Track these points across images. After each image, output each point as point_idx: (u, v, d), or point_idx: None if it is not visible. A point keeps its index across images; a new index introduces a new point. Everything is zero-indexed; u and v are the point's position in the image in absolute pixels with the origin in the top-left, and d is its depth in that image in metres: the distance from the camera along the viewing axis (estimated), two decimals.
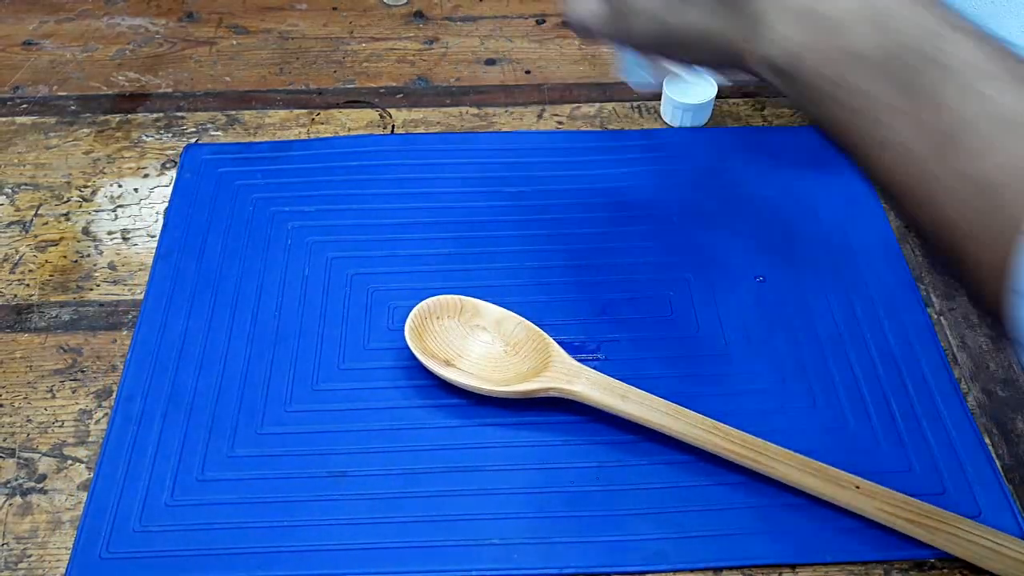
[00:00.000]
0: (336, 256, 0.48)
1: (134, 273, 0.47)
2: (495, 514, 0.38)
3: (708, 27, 0.32)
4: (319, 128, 0.55)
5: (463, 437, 0.40)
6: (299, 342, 0.44)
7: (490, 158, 0.53)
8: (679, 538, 0.37)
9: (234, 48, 0.61)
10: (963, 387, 0.43)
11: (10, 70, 0.59)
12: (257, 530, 0.37)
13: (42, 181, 0.52)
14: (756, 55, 0.31)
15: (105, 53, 0.60)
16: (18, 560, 0.37)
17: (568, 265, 0.47)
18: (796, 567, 0.37)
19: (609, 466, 0.39)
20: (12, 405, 0.42)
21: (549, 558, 0.37)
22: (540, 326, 0.43)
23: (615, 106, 0.57)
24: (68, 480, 0.39)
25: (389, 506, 0.38)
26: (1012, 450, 0.41)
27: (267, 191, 0.51)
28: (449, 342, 0.42)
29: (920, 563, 0.37)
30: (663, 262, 0.47)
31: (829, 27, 0.29)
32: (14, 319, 0.45)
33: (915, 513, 0.37)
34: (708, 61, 0.34)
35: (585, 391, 0.40)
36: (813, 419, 0.41)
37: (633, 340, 0.44)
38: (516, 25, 0.63)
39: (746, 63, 0.32)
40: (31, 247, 0.49)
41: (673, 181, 0.52)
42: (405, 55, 0.61)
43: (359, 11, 0.64)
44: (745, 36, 0.31)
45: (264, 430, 0.41)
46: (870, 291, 0.46)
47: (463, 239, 0.48)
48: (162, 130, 0.55)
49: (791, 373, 0.43)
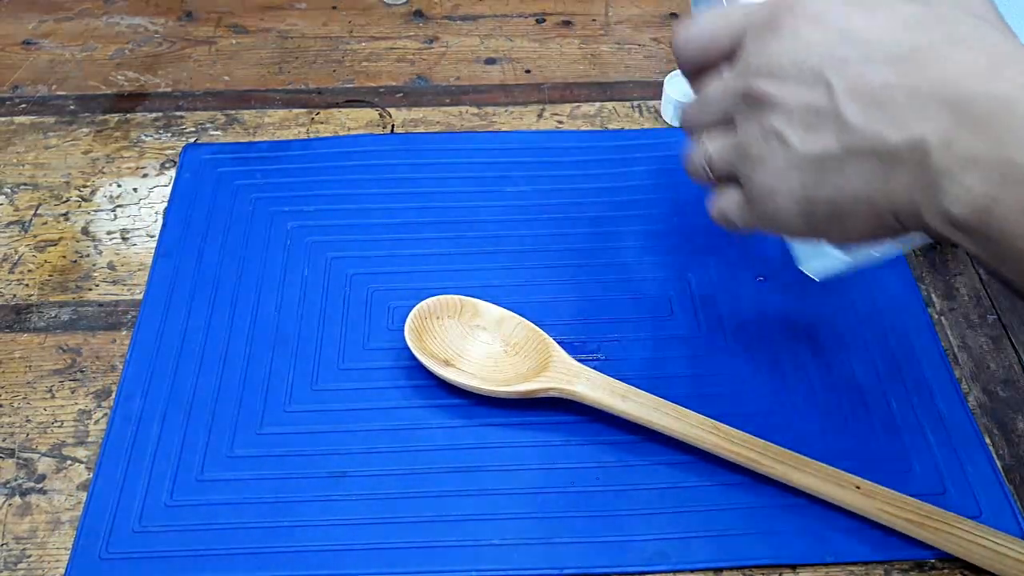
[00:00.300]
0: (336, 256, 0.48)
1: (133, 273, 0.47)
2: (495, 514, 0.38)
3: (868, 191, 0.28)
4: (319, 128, 0.55)
5: (463, 437, 0.40)
6: (299, 342, 0.44)
7: (490, 158, 0.53)
8: (679, 538, 0.37)
9: (233, 47, 0.61)
10: (964, 387, 0.43)
11: (9, 69, 0.59)
12: (257, 530, 0.37)
13: (41, 181, 0.52)
14: (934, 213, 0.27)
15: (104, 52, 0.60)
16: (17, 560, 0.37)
17: (568, 265, 0.47)
18: (796, 567, 0.37)
19: (609, 466, 0.39)
20: (11, 405, 0.42)
21: (549, 558, 0.37)
22: (540, 326, 0.43)
23: (615, 106, 0.57)
24: (67, 480, 0.39)
25: (389, 506, 0.38)
26: (1012, 450, 0.41)
27: (266, 191, 0.51)
28: (449, 342, 0.42)
29: (920, 563, 0.37)
30: (663, 262, 0.47)
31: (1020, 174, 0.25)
32: (13, 319, 0.45)
33: (915, 513, 0.37)
34: (870, 230, 0.30)
35: (585, 391, 0.40)
36: (813, 419, 0.41)
37: (633, 340, 0.44)
38: (516, 24, 0.63)
39: (920, 224, 0.28)
40: (30, 247, 0.49)
41: (673, 181, 0.52)
42: (405, 54, 0.61)
43: (359, 10, 0.64)
44: (919, 194, 0.27)
45: (264, 430, 0.41)
46: (871, 290, 0.46)
47: (463, 239, 0.48)
48: (161, 130, 0.55)
49: (791, 373, 0.43)
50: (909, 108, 0.27)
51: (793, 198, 0.30)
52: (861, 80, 0.28)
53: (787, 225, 0.31)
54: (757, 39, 0.31)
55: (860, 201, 0.29)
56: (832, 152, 0.28)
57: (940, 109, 0.26)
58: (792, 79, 0.29)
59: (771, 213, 0.31)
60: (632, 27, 0.63)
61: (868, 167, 0.28)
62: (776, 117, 0.30)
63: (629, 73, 0.59)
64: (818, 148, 0.29)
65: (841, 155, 0.28)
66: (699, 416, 0.39)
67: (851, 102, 0.28)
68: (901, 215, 0.28)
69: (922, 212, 0.27)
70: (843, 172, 0.28)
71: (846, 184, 0.29)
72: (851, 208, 0.29)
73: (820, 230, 0.31)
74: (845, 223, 0.30)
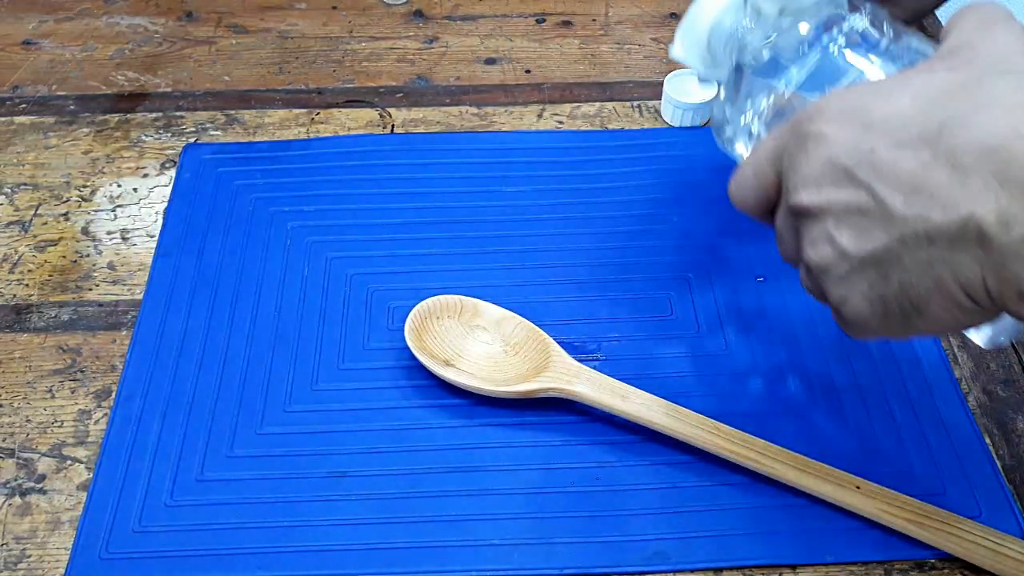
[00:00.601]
0: (336, 256, 0.48)
1: (133, 273, 0.47)
2: (495, 514, 0.38)
3: (934, 278, 0.27)
4: (319, 128, 0.55)
5: (463, 437, 0.40)
6: (299, 342, 0.44)
7: (490, 158, 0.53)
8: (679, 538, 0.37)
9: (233, 47, 0.61)
10: (963, 387, 0.43)
11: (9, 70, 0.59)
12: (257, 530, 0.37)
13: (41, 181, 0.52)
14: (1012, 295, 0.25)
15: (104, 52, 0.60)
16: (17, 560, 0.37)
17: (568, 265, 0.47)
18: (796, 567, 0.37)
19: (609, 466, 0.39)
20: (11, 405, 0.42)
21: (549, 558, 0.37)
22: (540, 326, 0.43)
23: (615, 106, 0.57)
24: (67, 480, 0.39)
25: (389, 506, 0.38)
26: (1012, 450, 0.41)
27: (266, 191, 0.51)
28: (449, 342, 0.42)
29: (920, 563, 0.37)
30: (663, 262, 0.47)
31: None
32: (13, 319, 0.45)
33: (915, 513, 0.37)
34: (955, 318, 0.28)
35: (585, 391, 0.40)
36: (813, 419, 0.41)
37: (633, 340, 0.44)
38: (516, 24, 0.63)
39: (1000, 304, 0.26)
40: (30, 247, 0.49)
41: (673, 181, 0.52)
42: (405, 54, 0.61)
43: (359, 10, 0.64)
44: (989, 276, 0.25)
45: (264, 430, 0.41)
46: None
47: (463, 239, 0.48)
48: (161, 130, 0.55)
49: (791, 373, 0.43)
50: (953, 186, 0.25)
51: (867, 301, 0.29)
52: (896, 167, 0.26)
53: (871, 329, 0.30)
54: (790, 156, 0.30)
55: (930, 290, 0.27)
56: (887, 247, 0.27)
57: (986, 181, 0.25)
58: (828, 185, 0.28)
59: (852, 320, 0.30)
60: (632, 27, 0.63)
61: (926, 255, 0.26)
62: (823, 226, 0.29)
63: (629, 73, 0.59)
64: (871, 246, 0.28)
65: (897, 248, 0.27)
66: (699, 416, 0.39)
67: (891, 192, 0.27)
68: (976, 297, 0.26)
69: (1000, 294, 0.26)
70: (903, 265, 0.27)
71: (911, 276, 0.27)
72: (925, 298, 0.27)
73: (906, 327, 0.29)
74: (926, 315, 0.28)
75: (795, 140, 0.30)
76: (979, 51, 0.28)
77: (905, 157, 0.26)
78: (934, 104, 0.27)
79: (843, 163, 0.28)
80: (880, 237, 0.27)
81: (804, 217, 0.30)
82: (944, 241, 0.26)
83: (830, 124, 0.28)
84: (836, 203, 0.28)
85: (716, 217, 0.50)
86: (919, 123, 0.26)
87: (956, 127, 0.26)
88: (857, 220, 0.28)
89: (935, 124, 0.26)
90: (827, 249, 0.29)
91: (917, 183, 0.26)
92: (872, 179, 0.27)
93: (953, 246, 0.26)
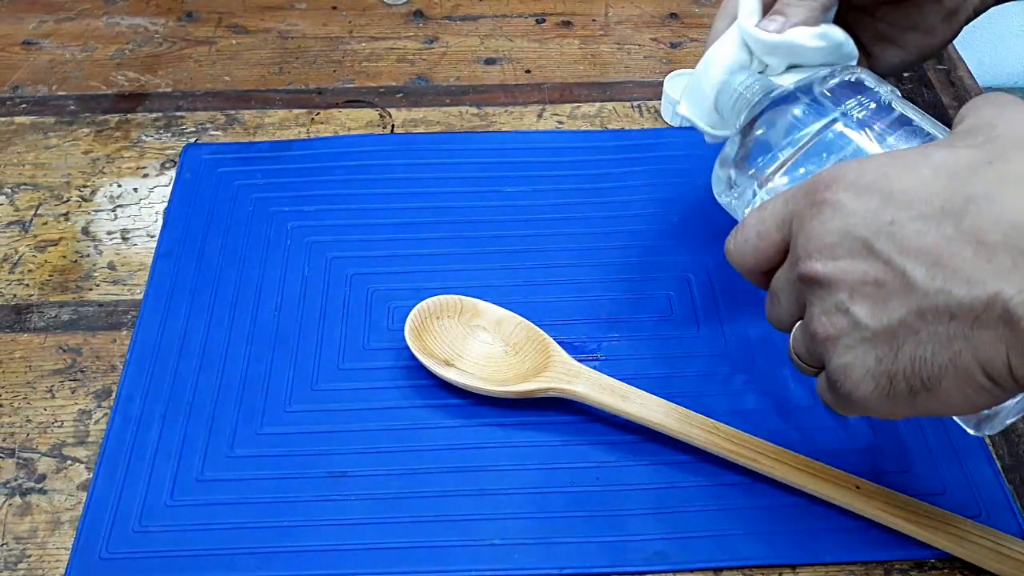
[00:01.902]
0: (336, 256, 0.48)
1: (134, 273, 0.47)
2: (495, 514, 0.38)
3: (951, 355, 0.26)
4: (319, 128, 0.55)
5: (463, 437, 0.40)
6: (299, 342, 0.44)
7: (490, 158, 0.53)
8: (679, 538, 0.37)
9: (233, 48, 0.61)
10: None
11: (9, 70, 0.59)
12: (257, 530, 0.37)
13: (41, 181, 0.52)
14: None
15: (104, 53, 0.60)
16: (17, 560, 0.37)
17: (568, 265, 0.47)
18: (796, 567, 0.37)
19: (609, 466, 0.39)
20: (12, 405, 0.42)
21: (549, 558, 0.37)
22: (540, 326, 0.43)
23: (615, 106, 0.57)
24: (68, 480, 0.39)
25: (389, 506, 0.38)
26: (1012, 450, 0.41)
27: (267, 191, 0.51)
28: (449, 342, 0.42)
29: (920, 563, 0.37)
30: (663, 262, 0.47)
31: None
32: (14, 319, 0.45)
33: (915, 513, 0.37)
34: (965, 397, 0.27)
35: (585, 391, 0.40)
36: (813, 419, 0.41)
37: (633, 340, 0.44)
38: (516, 24, 0.63)
39: (1018, 383, 0.25)
40: (30, 247, 0.49)
41: (673, 181, 0.52)
42: (405, 54, 0.61)
43: (359, 10, 0.64)
44: (1013, 354, 0.25)
45: (264, 430, 0.41)
46: None
47: (463, 239, 0.48)
48: (161, 130, 0.55)
49: (791, 373, 0.43)
50: (978, 262, 0.25)
51: (871, 375, 0.28)
52: (918, 240, 0.26)
53: (870, 404, 0.29)
54: (802, 222, 0.29)
55: (945, 367, 0.26)
56: (904, 320, 0.26)
57: (1013, 259, 0.24)
58: (844, 255, 0.28)
59: (851, 393, 0.29)
60: (632, 27, 0.63)
61: (946, 330, 0.26)
62: (837, 296, 0.28)
63: (629, 73, 0.59)
64: (888, 319, 0.27)
65: (914, 322, 0.26)
66: (699, 416, 0.39)
67: (914, 264, 0.26)
68: (995, 376, 0.26)
69: (1016, 372, 0.25)
70: (919, 339, 0.26)
71: (925, 351, 0.26)
72: (937, 376, 0.26)
73: (909, 406, 0.28)
74: (937, 394, 0.27)
75: (809, 206, 0.29)
76: (999, 131, 0.27)
77: (928, 230, 0.26)
78: (957, 179, 0.26)
79: (861, 234, 0.27)
80: (898, 310, 0.27)
81: (815, 285, 0.29)
82: (967, 318, 0.25)
83: (847, 192, 0.28)
84: (852, 274, 0.28)
85: (716, 217, 0.49)
86: (942, 197, 0.26)
87: (982, 202, 0.25)
88: (874, 292, 0.27)
89: (959, 199, 0.26)
90: (840, 320, 0.28)
91: (940, 257, 0.26)
92: (892, 251, 0.27)
93: (976, 323, 0.25)
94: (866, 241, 0.27)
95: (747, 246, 0.32)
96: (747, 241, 0.32)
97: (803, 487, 0.38)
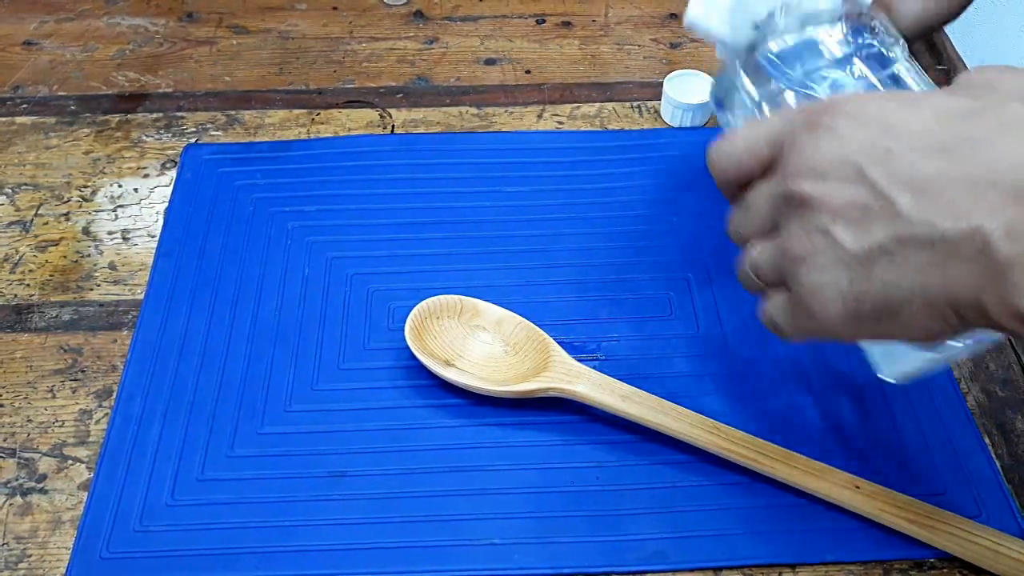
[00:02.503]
0: (336, 256, 0.48)
1: (134, 273, 0.47)
2: (495, 514, 0.38)
3: (922, 284, 0.27)
4: (319, 128, 0.55)
5: (463, 437, 0.40)
6: (299, 342, 0.44)
7: (490, 158, 0.53)
8: (679, 538, 0.37)
9: (234, 48, 0.61)
10: (963, 387, 0.43)
11: (10, 70, 0.59)
12: (257, 530, 0.37)
13: (42, 181, 0.52)
14: (1001, 308, 0.25)
15: (105, 53, 0.61)
16: (18, 560, 0.37)
17: (568, 265, 0.47)
18: (796, 567, 0.37)
19: (609, 466, 0.39)
20: (12, 405, 0.42)
21: (549, 558, 0.37)
22: (540, 326, 0.43)
23: (615, 106, 0.57)
24: (68, 480, 0.39)
25: (389, 506, 0.38)
26: (1012, 450, 0.41)
27: (267, 191, 0.51)
28: (449, 342, 0.42)
29: (920, 563, 0.37)
30: (663, 262, 0.47)
31: None
32: (14, 319, 0.45)
33: (915, 513, 0.37)
34: (926, 327, 0.28)
35: (585, 391, 0.40)
36: (814, 419, 0.41)
37: (633, 340, 0.44)
38: (516, 25, 0.63)
39: (984, 319, 0.26)
40: (31, 247, 0.49)
41: (673, 181, 0.52)
42: (405, 55, 0.61)
43: (359, 11, 0.64)
44: (983, 288, 0.25)
45: (264, 430, 0.41)
46: None
47: (463, 239, 0.48)
48: (162, 130, 0.55)
49: (791, 373, 0.43)
50: (966, 197, 0.25)
51: (840, 295, 0.29)
52: (911, 169, 0.27)
53: (833, 325, 0.29)
54: (796, 142, 0.30)
55: (915, 294, 0.27)
56: (883, 244, 0.27)
57: (1002, 198, 0.25)
58: (835, 177, 0.28)
59: (817, 312, 0.29)
60: (632, 27, 0.63)
61: (922, 258, 0.26)
62: (821, 216, 0.29)
63: (629, 73, 0.59)
64: (867, 242, 0.27)
65: (892, 247, 0.27)
66: (699, 416, 0.39)
67: (902, 192, 0.27)
68: (962, 309, 0.26)
69: (987, 307, 0.26)
70: (895, 265, 0.27)
71: (898, 277, 0.27)
72: (904, 303, 0.27)
73: (870, 329, 0.29)
74: (899, 320, 0.28)
75: (806, 128, 0.30)
76: (998, 87, 0.28)
77: (922, 163, 0.27)
78: (957, 120, 0.27)
79: (855, 159, 0.28)
80: (880, 234, 0.27)
81: (800, 204, 0.30)
82: (945, 248, 0.26)
83: (847, 120, 0.29)
84: (839, 197, 0.28)
85: (716, 217, 0.50)
86: (940, 136, 0.27)
87: (979, 144, 0.26)
88: (859, 216, 0.28)
89: (957, 139, 0.26)
90: (819, 240, 0.29)
91: (930, 190, 0.26)
92: (883, 179, 0.27)
93: (953, 255, 0.26)
94: (859, 167, 0.28)
95: (733, 157, 0.33)
96: (734, 152, 0.33)
97: (803, 487, 0.38)
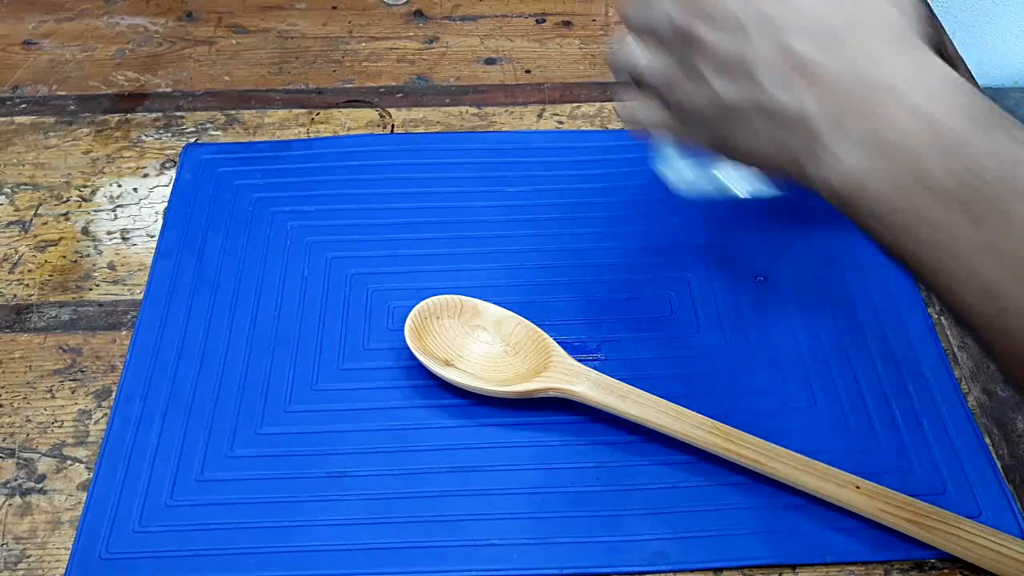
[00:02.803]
0: (336, 256, 0.48)
1: (133, 273, 0.47)
2: (495, 514, 0.38)
3: (764, 145, 0.31)
4: (319, 128, 0.55)
5: (463, 437, 0.40)
6: (299, 342, 0.44)
7: (490, 158, 0.53)
8: (679, 538, 0.37)
9: (233, 47, 0.61)
10: (963, 387, 0.43)
11: (9, 69, 0.59)
12: (257, 530, 0.37)
13: (41, 181, 0.52)
14: (816, 179, 0.29)
15: (104, 52, 0.60)
16: (17, 560, 0.37)
17: (568, 265, 0.47)
18: (796, 567, 0.37)
19: (609, 466, 0.39)
20: (11, 405, 0.42)
21: (549, 558, 0.37)
22: (540, 326, 0.43)
23: (615, 106, 0.57)
24: (68, 480, 0.39)
25: (389, 506, 0.38)
26: (1012, 450, 0.41)
27: (267, 191, 0.51)
28: (449, 342, 0.42)
29: (920, 563, 0.37)
30: (663, 262, 0.47)
31: (895, 154, 0.27)
32: (13, 319, 0.45)
33: (915, 513, 0.37)
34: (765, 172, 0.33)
35: (585, 391, 0.40)
36: (813, 419, 0.41)
37: (633, 340, 0.44)
38: (516, 24, 0.63)
39: (808, 186, 0.30)
40: (30, 247, 0.49)
41: None
42: (405, 54, 0.61)
43: (359, 10, 0.64)
44: (803, 159, 0.29)
45: (264, 430, 0.41)
46: (870, 291, 0.46)
47: (463, 239, 0.48)
48: (161, 130, 0.55)
49: (791, 373, 0.43)
50: (813, 84, 0.28)
51: (705, 125, 0.32)
52: (782, 45, 0.29)
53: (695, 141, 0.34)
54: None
55: (760, 149, 0.31)
56: (741, 103, 0.30)
57: (838, 90, 0.28)
58: (723, 27, 0.30)
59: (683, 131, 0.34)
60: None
61: (767, 125, 0.30)
62: (702, 60, 0.31)
63: None
64: (731, 96, 0.31)
65: (747, 109, 0.30)
66: (699, 416, 0.39)
67: (765, 64, 0.29)
68: (793, 174, 0.30)
69: (809, 176, 0.29)
70: (748, 123, 0.31)
71: (748, 134, 0.31)
72: (753, 152, 0.31)
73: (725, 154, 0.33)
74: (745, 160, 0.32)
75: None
76: None
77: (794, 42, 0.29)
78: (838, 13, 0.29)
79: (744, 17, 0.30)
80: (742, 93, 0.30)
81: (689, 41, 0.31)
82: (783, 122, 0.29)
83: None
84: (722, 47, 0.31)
85: (716, 217, 0.50)
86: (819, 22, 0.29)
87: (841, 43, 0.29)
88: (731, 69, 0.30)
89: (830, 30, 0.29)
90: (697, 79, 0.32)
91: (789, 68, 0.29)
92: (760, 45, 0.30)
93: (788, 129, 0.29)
94: (744, 26, 0.30)
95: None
96: None
97: (803, 487, 0.38)
